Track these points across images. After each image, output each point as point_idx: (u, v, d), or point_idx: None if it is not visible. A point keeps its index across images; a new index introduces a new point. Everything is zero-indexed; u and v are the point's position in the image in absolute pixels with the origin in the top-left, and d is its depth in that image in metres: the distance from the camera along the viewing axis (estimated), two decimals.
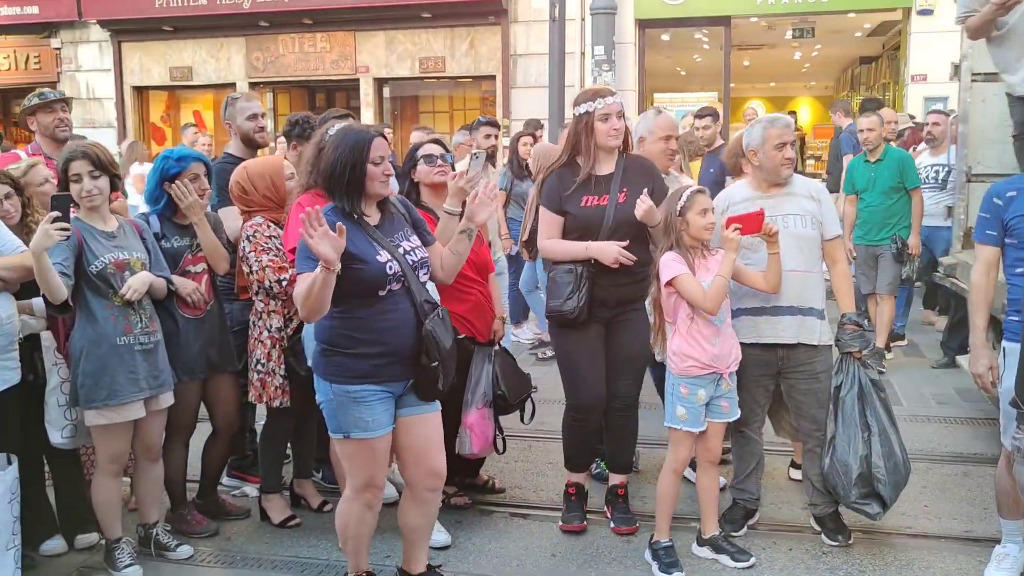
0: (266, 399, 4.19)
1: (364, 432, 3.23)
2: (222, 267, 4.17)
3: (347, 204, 3.23)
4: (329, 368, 3.25)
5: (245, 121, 4.80)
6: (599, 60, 11.68)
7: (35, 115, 4.84)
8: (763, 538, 4.14)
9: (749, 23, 13.82)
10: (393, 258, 3.24)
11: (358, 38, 13.81)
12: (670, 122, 4.63)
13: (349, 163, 3.20)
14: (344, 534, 3.48)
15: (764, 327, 3.95)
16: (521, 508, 4.55)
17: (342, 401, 3.21)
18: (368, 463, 3.30)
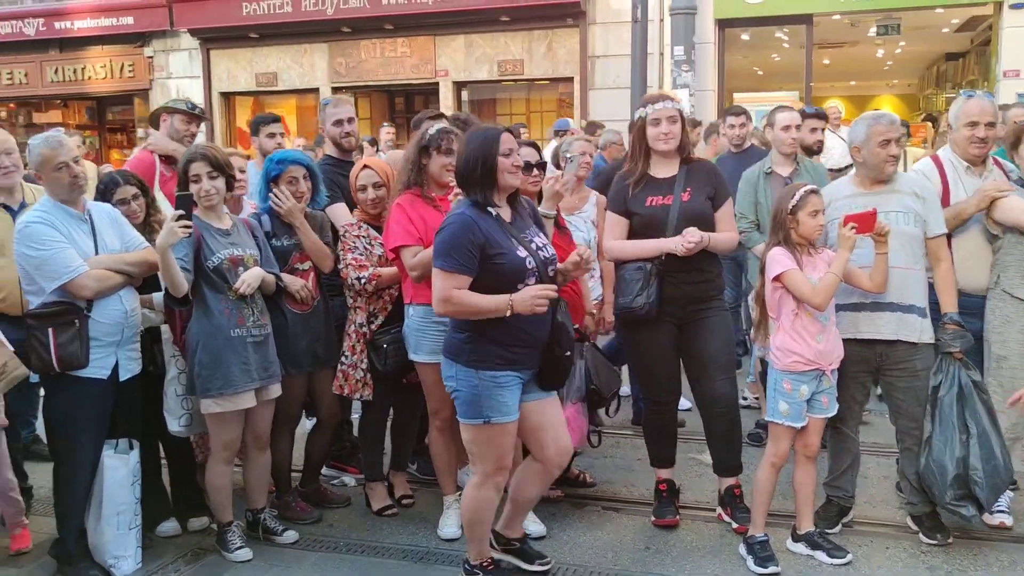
0: (347, 391, 4.36)
1: (504, 416, 3.41)
2: (327, 265, 4.34)
3: (481, 197, 3.40)
4: (474, 354, 3.40)
5: (331, 127, 5.00)
6: (679, 60, 11.67)
7: (172, 116, 5.16)
8: (859, 536, 4.12)
9: (831, 21, 13.60)
10: (528, 254, 3.40)
11: (438, 42, 14.02)
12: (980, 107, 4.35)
13: (481, 157, 3.39)
14: (472, 519, 3.62)
15: (863, 323, 3.95)
16: (613, 502, 4.62)
17: (487, 386, 3.37)
18: (503, 446, 3.48)
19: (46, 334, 3.63)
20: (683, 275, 4.08)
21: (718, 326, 4.18)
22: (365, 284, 4.21)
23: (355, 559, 4.10)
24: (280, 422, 4.30)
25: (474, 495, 3.56)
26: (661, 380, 4.26)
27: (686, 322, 4.16)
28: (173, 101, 5.27)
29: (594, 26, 13.25)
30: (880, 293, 3.85)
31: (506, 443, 3.47)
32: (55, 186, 3.76)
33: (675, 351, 4.21)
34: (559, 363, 3.43)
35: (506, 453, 3.50)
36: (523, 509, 3.79)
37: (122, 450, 3.91)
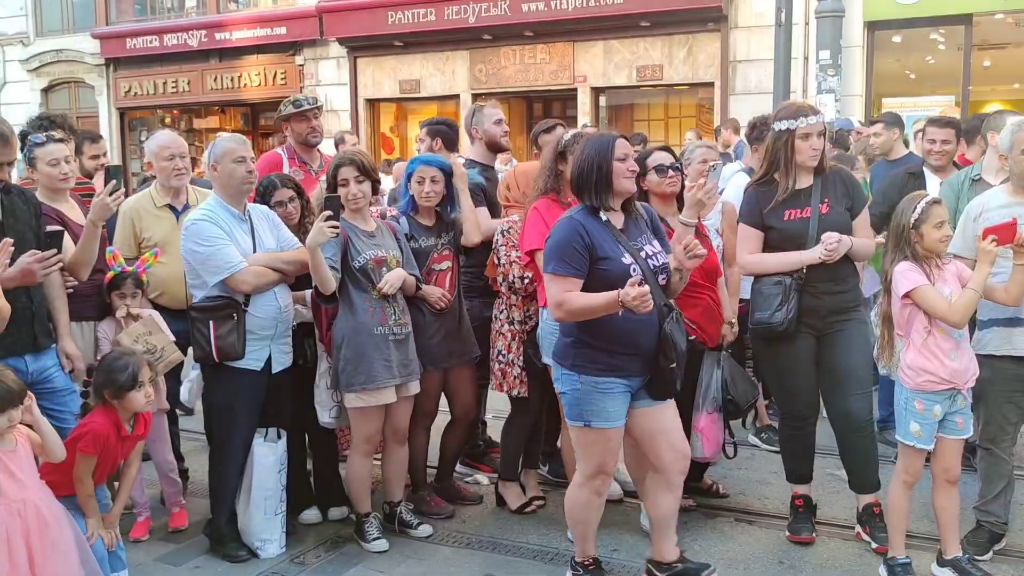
0: (506, 388, 4.45)
1: (604, 421, 3.43)
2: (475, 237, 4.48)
3: (596, 201, 3.44)
4: (578, 359, 3.46)
5: (492, 126, 5.07)
6: (824, 65, 11.32)
7: (289, 121, 5.32)
8: (1013, 565, 3.91)
9: (993, 20, 12.88)
10: (635, 261, 3.39)
11: (576, 48, 14.08)
12: None
13: (596, 162, 3.43)
14: (573, 518, 3.69)
15: (1019, 339, 3.76)
16: (746, 514, 4.54)
17: (588, 390, 3.41)
18: (603, 451, 3.51)
19: (207, 326, 3.89)
20: (823, 285, 3.98)
21: (857, 338, 4.06)
22: (527, 283, 4.30)
23: (486, 555, 4.18)
24: (417, 418, 4.44)
25: (575, 495, 3.63)
26: (800, 395, 4.17)
27: (824, 334, 4.06)
28: (283, 105, 5.31)
29: (736, 30, 13.01)
30: (1016, 307, 3.67)
31: (607, 448, 3.50)
32: (230, 178, 3.99)
33: (813, 364, 4.11)
34: (664, 374, 3.41)
35: (607, 458, 3.53)
36: (664, 527, 3.73)
37: (271, 439, 4.14)
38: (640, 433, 3.57)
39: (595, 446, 3.50)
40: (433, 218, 4.49)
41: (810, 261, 3.94)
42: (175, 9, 17.38)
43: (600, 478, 3.58)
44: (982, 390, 3.87)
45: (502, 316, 4.46)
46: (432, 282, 4.40)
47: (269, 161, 5.25)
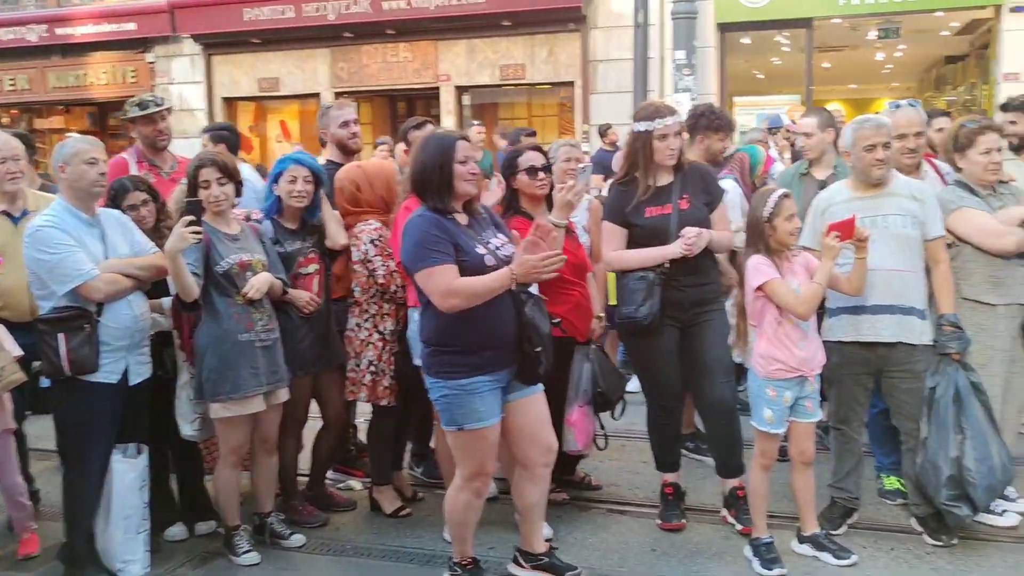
0: (375, 398, 4.38)
1: (477, 422, 3.42)
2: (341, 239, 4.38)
3: (437, 203, 3.43)
4: (442, 366, 3.44)
5: (338, 128, 4.97)
6: (680, 64, 11.70)
7: (135, 124, 5.07)
8: (864, 537, 4.14)
9: (831, 24, 13.65)
10: (487, 252, 3.43)
11: (440, 47, 14.08)
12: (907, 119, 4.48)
13: (437, 164, 3.42)
14: (453, 520, 3.67)
15: (864, 325, 3.98)
16: (618, 504, 4.64)
17: (457, 395, 3.39)
18: (479, 452, 3.50)
19: (56, 339, 3.66)
20: (686, 279, 4.11)
21: (720, 329, 4.21)
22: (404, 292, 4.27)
23: (362, 562, 4.12)
24: (286, 425, 4.32)
25: (456, 498, 3.62)
26: (667, 385, 4.29)
27: (689, 325, 4.19)
28: (127, 106, 5.05)
29: (595, 31, 13.31)
30: (858, 297, 3.90)
31: (484, 448, 3.50)
32: (80, 181, 3.76)
33: (678, 355, 4.24)
34: (531, 360, 3.43)
35: (485, 459, 3.53)
36: (532, 518, 3.77)
37: (131, 454, 3.94)
38: (507, 428, 3.58)
39: (472, 448, 3.50)
40: (298, 221, 4.38)
41: (672, 256, 4.05)
42: (10, 1, 16.33)
43: (480, 479, 3.58)
44: (833, 374, 4.09)
45: (367, 325, 4.40)
46: (299, 286, 4.30)
47: (115, 166, 4.91)
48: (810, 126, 4.87)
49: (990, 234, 4.03)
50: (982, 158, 4.11)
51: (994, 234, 4.02)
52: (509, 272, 3.28)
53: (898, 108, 4.45)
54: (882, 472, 4.55)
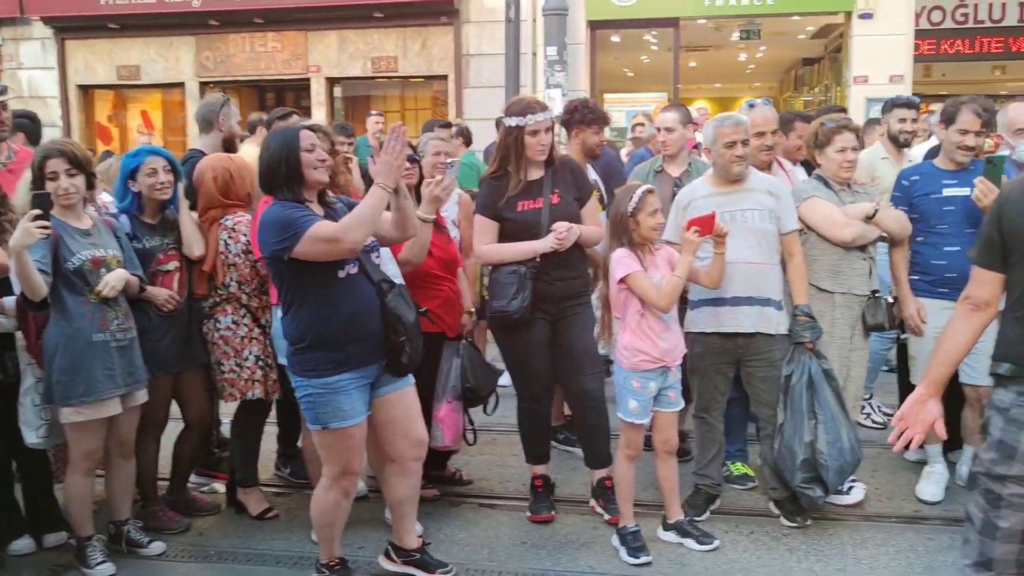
0: (240, 393, 4.25)
1: (342, 421, 3.36)
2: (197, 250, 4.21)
3: (288, 195, 3.34)
4: (306, 364, 3.35)
5: (237, 124, 4.86)
6: (552, 61, 11.84)
7: None
8: (725, 522, 4.29)
9: (697, 24, 14.07)
10: None
11: (310, 37, 13.77)
12: (764, 117, 4.65)
13: (282, 156, 3.33)
14: (320, 521, 3.59)
15: (724, 317, 4.12)
16: (489, 499, 4.66)
17: (322, 393, 3.32)
18: (346, 451, 3.44)
19: None
20: (556, 272, 4.15)
21: (588, 322, 4.28)
22: None
23: (227, 567, 4.00)
24: (145, 428, 4.14)
25: (323, 498, 3.54)
26: (537, 377, 4.32)
27: (558, 319, 4.23)
28: None
29: (468, 25, 13.29)
30: (718, 289, 4.03)
31: (350, 447, 3.44)
32: None
33: (548, 348, 4.28)
34: (397, 350, 3.39)
35: (352, 457, 3.47)
36: (403, 514, 3.73)
37: None
38: (377, 423, 3.55)
39: (338, 447, 3.43)
40: (157, 216, 4.20)
41: (543, 250, 4.09)
42: None
43: (347, 478, 3.52)
44: (695, 365, 4.22)
45: (247, 321, 4.25)
46: (159, 284, 4.12)
47: None
48: (671, 121, 4.96)
49: (833, 224, 4.23)
50: (837, 156, 4.31)
51: (836, 224, 4.23)
52: (376, 186, 3.22)
53: (754, 107, 4.62)
54: (728, 459, 4.73)
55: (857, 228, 4.22)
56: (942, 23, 16.43)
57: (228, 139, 4.89)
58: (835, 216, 4.24)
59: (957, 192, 4.34)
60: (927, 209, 4.41)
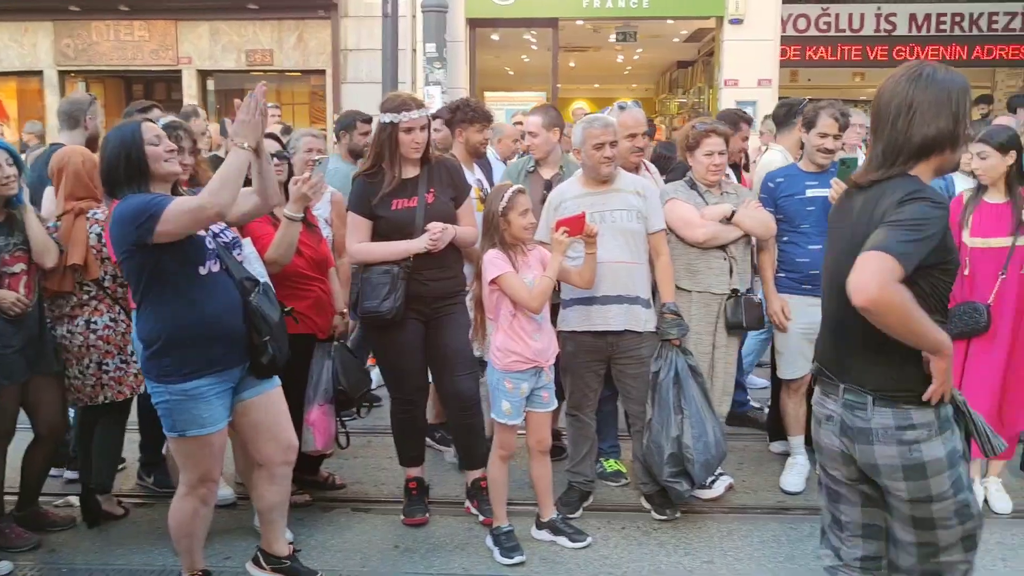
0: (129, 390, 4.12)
1: (201, 428, 3.22)
2: (49, 260, 3.97)
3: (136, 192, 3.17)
4: (163, 369, 3.20)
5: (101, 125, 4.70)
6: (431, 58, 11.76)
7: None
8: (598, 519, 4.34)
9: (575, 25, 14.26)
10: (207, 234, 3.25)
11: (180, 28, 13.26)
12: (635, 119, 4.66)
13: (122, 153, 3.18)
14: (179, 532, 3.43)
15: (595, 315, 4.16)
16: (363, 503, 4.57)
17: (179, 400, 3.17)
18: (205, 458, 3.31)
19: None
20: (430, 272, 4.11)
21: (462, 322, 4.25)
22: None
23: None
24: None
25: (180, 507, 3.39)
26: (409, 378, 4.27)
27: (432, 319, 4.19)
28: None
29: (346, 19, 13.07)
30: (589, 289, 4.06)
31: (209, 454, 3.31)
32: None
33: (422, 349, 4.23)
34: (261, 351, 3.29)
35: (211, 465, 3.34)
36: (272, 520, 3.61)
37: None
38: (243, 427, 3.43)
39: (196, 454, 3.29)
40: (2, 213, 3.93)
41: (417, 250, 4.04)
42: None
43: (206, 486, 3.37)
44: (567, 363, 4.25)
45: (123, 318, 4.08)
46: (6, 286, 3.87)
47: None
48: (535, 125, 4.92)
49: (687, 225, 4.33)
50: (705, 159, 4.41)
51: (690, 225, 4.33)
52: (235, 146, 3.09)
53: (625, 109, 4.68)
54: (601, 456, 4.79)
55: (710, 229, 4.32)
56: (807, 30, 17.18)
57: (92, 139, 4.70)
58: (690, 217, 4.34)
59: (818, 193, 4.51)
60: (791, 209, 4.57)
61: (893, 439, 2.36)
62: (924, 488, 2.35)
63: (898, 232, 2.19)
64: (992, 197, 4.26)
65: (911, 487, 2.36)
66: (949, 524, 2.38)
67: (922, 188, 2.29)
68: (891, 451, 2.36)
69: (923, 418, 2.34)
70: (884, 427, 2.37)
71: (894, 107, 2.34)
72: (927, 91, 2.31)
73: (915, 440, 2.34)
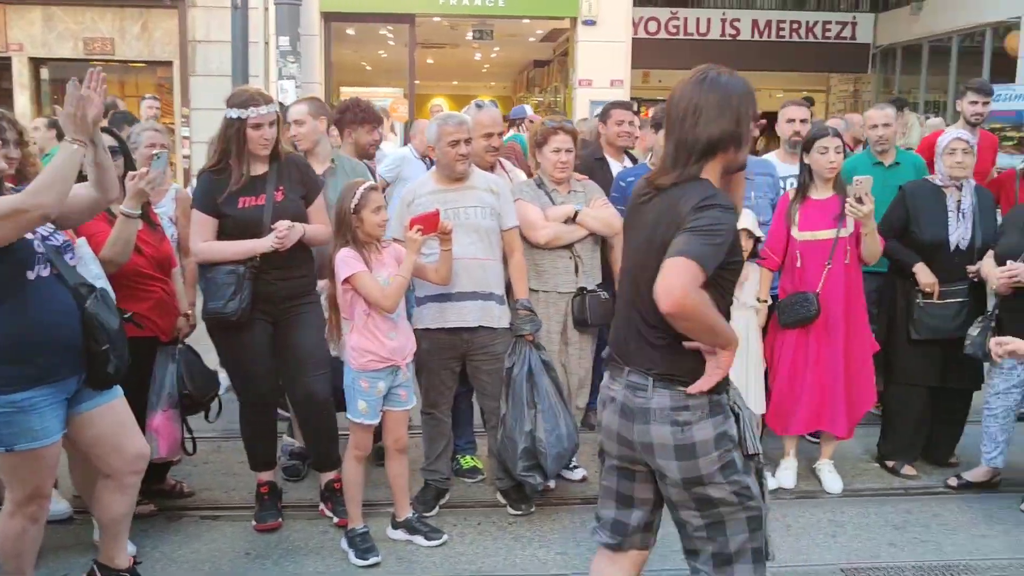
0: None
1: (32, 442, 3.01)
2: None
3: None
4: None
5: None
6: (284, 51, 11.50)
7: None
8: (455, 515, 4.35)
9: (432, 22, 14.25)
10: (36, 238, 3.05)
11: (8, 12, 12.44)
12: (491, 118, 4.62)
13: None
14: (4, 552, 3.20)
15: (449, 312, 4.16)
16: (212, 510, 4.41)
17: (9, 413, 2.96)
18: (35, 473, 3.10)
19: None
20: (278, 272, 4.01)
21: (314, 322, 4.16)
22: None
23: None
24: None
25: (7, 526, 3.15)
26: (258, 381, 4.15)
27: (281, 319, 4.10)
28: None
29: (194, 9, 12.60)
30: (445, 286, 4.07)
31: (41, 468, 3.11)
32: None
33: (271, 350, 4.13)
34: (98, 360, 3.12)
35: (43, 480, 3.14)
36: (115, 531, 3.43)
37: None
38: (85, 440, 3.24)
39: (26, 469, 3.07)
40: None
41: (263, 250, 3.93)
42: None
43: (36, 503, 3.15)
44: (422, 361, 4.24)
45: None
46: None
47: None
48: (299, 113, 4.74)
49: (529, 226, 4.40)
50: (552, 156, 4.47)
51: (532, 226, 4.39)
52: (67, 144, 2.93)
53: (482, 107, 4.69)
54: (457, 453, 4.81)
55: (552, 231, 4.40)
56: (658, 33, 17.77)
57: None
58: (533, 219, 4.40)
59: None
60: None
61: (668, 419, 2.49)
62: (694, 468, 2.49)
63: (698, 238, 2.34)
64: (817, 194, 4.54)
65: (682, 466, 2.50)
66: (731, 505, 2.52)
67: (715, 194, 2.44)
68: (665, 431, 2.49)
69: (697, 400, 2.48)
70: (661, 407, 2.50)
71: (682, 109, 2.48)
72: (711, 94, 2.46)
73: (687, 421, 2.48)
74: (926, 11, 16.63)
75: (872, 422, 5.23)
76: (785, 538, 4.13)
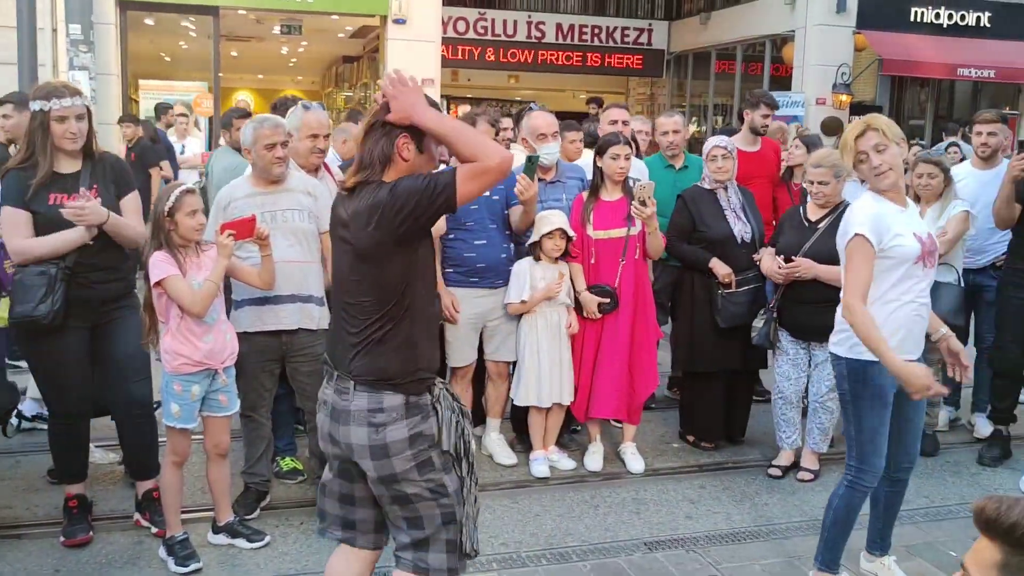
0: None
1: None
2: None
3: None
4: None
5: None
6: (75, 40, 10.87)
7: None
8: (277, 517, 4.35)
9: (237, 15, 13.86)
10: None
11: None
12: (318, 120, 4.55)
13: None
14: None
15: (267, 315, 4.17)
16: (13, 529, 4.19)
17: None
18: None
19: None
20: (94, 275, 3.87)
21: (133, 326, 4.03)
22: None
23: None
24: None
25: None
26: (72, 390, 3.98)
27: (98, 324, 3.96)
28: None
29: None
30: (270, 290, 4.08)
31: None
32: None
33: (87, 357, 3.98)
34: None
35: None
36: None
37: None
38: None
39: None
40: None
41: (77, 242, 3.79)
42: None
43: None
44: (240, 364, 4.20)
45: None
46: None
47: None
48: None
49: None
50: None
51: None
52: None
53: (309, 109, 4.68)
54: (278, 455, 4.82)
55: None
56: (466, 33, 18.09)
57: None
58: None
59: None
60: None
61: (364, 421, 2.65)
62: (388, 467, 2.65)
63: None
64: (608, 195, 4.94)
65: (376, 465, 2.65)
66: (426, 500, 2.69)
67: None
68: (362, 432, 2.65)
69: (392, 403, 2.65)
70: (359, 410, 2.66)
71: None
72: None
73: (382, 423, 2.64)
74: (714, 21, 17.88)
75: (671, 406, 5.66)
76: (594, 517, 4.43)
